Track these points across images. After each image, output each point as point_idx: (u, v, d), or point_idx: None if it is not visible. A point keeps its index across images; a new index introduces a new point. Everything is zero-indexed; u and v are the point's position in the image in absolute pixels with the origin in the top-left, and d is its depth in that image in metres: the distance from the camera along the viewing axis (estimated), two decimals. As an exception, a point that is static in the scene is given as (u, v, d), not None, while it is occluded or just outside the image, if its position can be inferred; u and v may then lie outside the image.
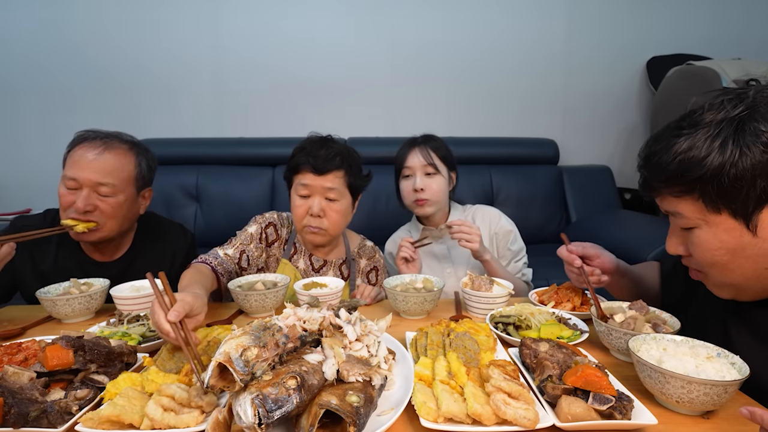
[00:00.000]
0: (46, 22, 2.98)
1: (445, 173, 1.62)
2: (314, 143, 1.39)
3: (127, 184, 1.34)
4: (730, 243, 0.77)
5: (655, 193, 0.85)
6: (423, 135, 1.67)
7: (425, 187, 1.56)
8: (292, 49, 3.14)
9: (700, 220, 0.79)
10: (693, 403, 0.68)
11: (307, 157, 1.35)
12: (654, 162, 0.82)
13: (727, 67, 2.57)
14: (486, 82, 3.28)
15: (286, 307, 0.79)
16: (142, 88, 3.12)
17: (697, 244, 0.82)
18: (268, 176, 3.02)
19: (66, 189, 1.29)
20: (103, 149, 1.30)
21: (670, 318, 0.94)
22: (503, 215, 1.71)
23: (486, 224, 1.67)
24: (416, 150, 1.60)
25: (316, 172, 1.35)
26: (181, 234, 1.56)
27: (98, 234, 1.32)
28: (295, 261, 1.48)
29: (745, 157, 0.71)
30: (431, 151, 1.59)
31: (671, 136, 0.79)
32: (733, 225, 0.76)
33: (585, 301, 1.19)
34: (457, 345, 0.86)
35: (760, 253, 0.75)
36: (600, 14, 3.24)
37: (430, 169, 1.58)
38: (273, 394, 0.57)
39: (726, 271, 0.81)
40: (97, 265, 1.41)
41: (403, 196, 1.65)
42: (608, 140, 3.43)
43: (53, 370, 0.73)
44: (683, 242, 0.86)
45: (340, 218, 1.40)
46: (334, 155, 1.36)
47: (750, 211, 0.73)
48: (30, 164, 3.06)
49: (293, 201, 1.41)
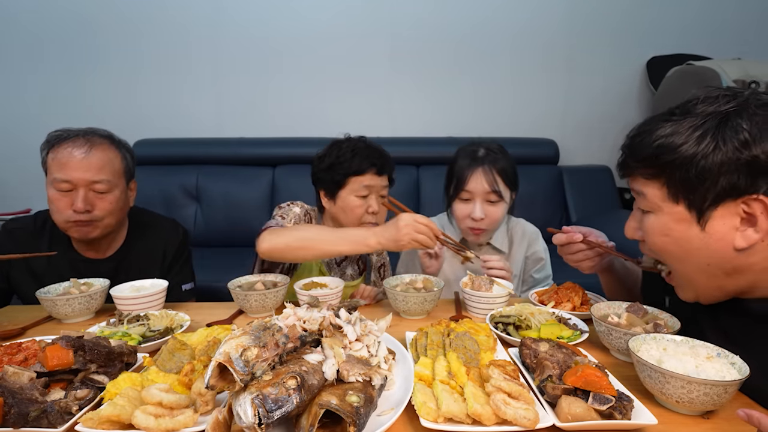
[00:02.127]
0: (46, 22, 2.98)
1: (508, 197, 1.45)
2: (364, 144, 1.44)
3: (119, 177, 1.35)
4: (677, 233, 0.79)
5: (629, 171, 0.86)
6: (486, 147, 1.45)
7: (486, 215, 1.42)
8: (291, 48, 3.14)
9: (657, 205, 0.81)
10: (693, 403, 0.68)
11: (370, 159, 1.40)
12: (637, 142, 0.83)
13: (727, 67, 2.57)
14: (486, 82, 3.28)
15: (286, 307, 0.79)
16: (143, 88, 3.12)
17: (647, 230, 0.85)
18: (268, 176, 3.02)
19: (58, 192, 1.27)
20: (89, 147, 1.29)
21: (669, 318, 0.94)
22: (540, 238, 1.61)
23: (524, 245, 1.58)
24: (480, 173, 1.40)
25: (380, 173, 1.42)
26: (172, 229, 1.55)
27: (98, 231, 1.33)
28: None
29: (717, 151, 0.71)
30: (497, 175, 1.40)
31: (660, 120, 0.80)
32: (684, 217, 0.77)
33: (585, 300, 1.19)
34: (457, 345, 0.86)
35: (703, 247, 0.77)
36: (600, 14, 3.24)
37: (493, 197, 1.40)
38: (273, 394, 0.57)
39: (671, 262, 0.84)
40: (90, 263, 1.41)
41: (456, 218, 1.49)
42: (608, 140, 3.43)
43: (53, 370, 0.72)
44: (640, 227, 0.88)
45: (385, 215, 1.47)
46: (388, 155, 1.45)
47: (705, 207, 0.75)
48: (30, 164, 3.06)
49: (351, 202, 1.43)
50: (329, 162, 1.43)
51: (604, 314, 1.00)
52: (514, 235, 1.60)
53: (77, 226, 1.30)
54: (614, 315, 0.98)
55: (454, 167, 1.46)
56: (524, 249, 1.58)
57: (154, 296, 1.16)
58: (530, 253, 1.59)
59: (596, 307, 1.01)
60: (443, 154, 3.15)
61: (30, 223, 1.41)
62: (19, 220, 1.44)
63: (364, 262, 1.59)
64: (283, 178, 2.99)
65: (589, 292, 1.24)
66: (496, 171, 1.40)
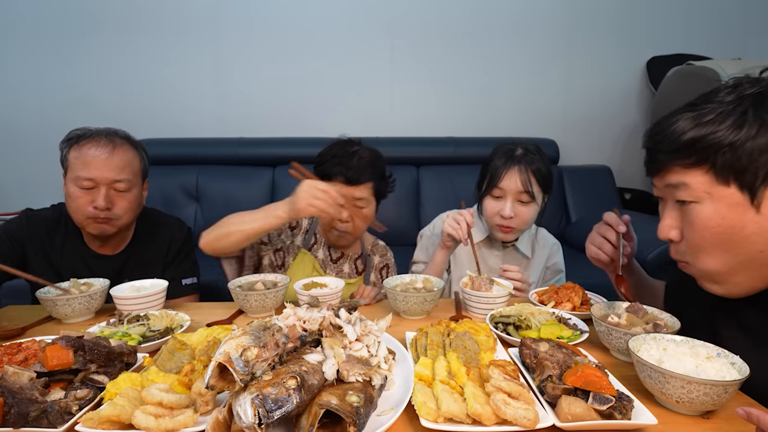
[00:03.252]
0: (47, 22, 2.98)
1: (540, 199, 1.45)
2: (345, 151, 1.40)
3: (137, 177, 1.41)
4: (731, 219, 0.76)
5: (661, 165, 0.83)
6: (524, 147, 1.44)
7: (516, 214, 1.41)
8: (292, 48, 3.14)
9: (705, 193, 0.78)
10: (693, 403, 0.68)
11: (339, 167, 1.37)
12: (668, 132, 0.81)
13: (727, 67, 2.57)
14: (486, 82, 3.28)
15: (286, 307, 0.79)
16: (143, 88, 3.12)
17: (695, 222, 0.80)
18: (268, 176, 3.02)
19: (79, 189, 1.32)
20: (112, 147, 1.35)
21: (669, 318, 0.94)
22: (560, 252, 1.62)
23: (545, 254, 1.59)
24: (514, 171, 1.39)
25: (349, 183, 1.37)
26: (178, 227, 1.59)
27: (115, 228, 1.38)
28: (314, 251, 1.54)
29: (763, 129, 0.72)
30: (532, 175, 1.39)
31: (685, 111, 0.80)
32: (738, 200, 0.75)
33: (585, 300, 1.19)
34: (457, 345, 0.86)
35: (759, 231, 0.75)
36: (600, 14, 3.24)
37: (525, 197, 1.40)
38: (273, 394, 0.57)
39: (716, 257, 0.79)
40: (100, 258, 1.45)
41: (486, 214, 1.49)
42: (608, 140, 3.43)
43: (53, 370, 0.72)
44: (677, 225, 0.84)
45: (365, 223, 1.47)
46: (366, 166, 1.39)
47: (757, 185, 0.73)
48: (29, 164, 3.07)
49: None
50: (316, 162, 1.45)
51: (604, 314, 1.00)
52: (537, 242, 1.61)
53: (96, 223, 1.34)
54: (614, 315, 0.98)
55: (489, 165, 1.46)
56: (545, 258, 1.59)
57: (154, 296, 1.16)
58: (551, 264, 1.60)
59: (596, 307, 1.01)
60: (443, 154, 3.16)
61: (49, 214, 1.45)
62: (39, 209, 1.47)
63: (363, 262, 1.59)
64: (283, 178, 2.99)
65: (589, 292, 1.24)
66: (531, 171, 1.39)
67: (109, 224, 1.36)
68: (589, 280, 1.35)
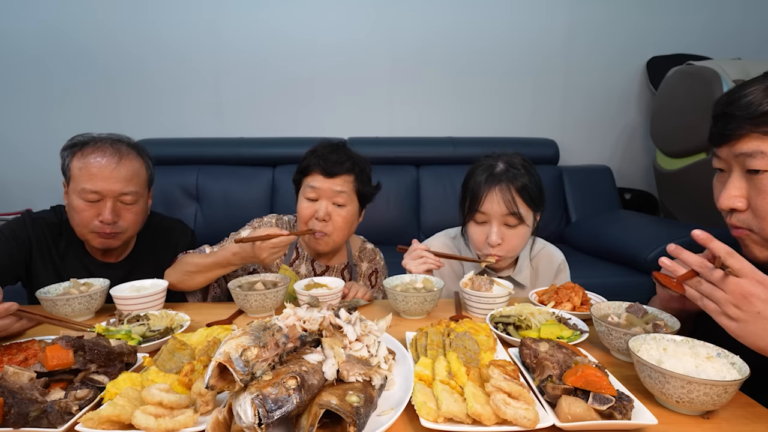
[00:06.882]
0: (46, 23, 2.98)
1: (530, 219, 1.28)
2: (326, 147, 1.39)
3: (144, 188, 1.38)
4: None
5: (738, 133, 0.83)
6: (505, 161, 1.28)
7: (503, 239, 1.26)
8: (292, 49, 3.15)
9: None
10: (693, 403, 0.68)
11: (318, 160, 1.35)
12: (746, 101, 0.81)
13: (727, 67, 2.57)
14: (485, 82, 3.28)
15: (286, 307, 0.79)
16: (143, 88, 3.12)
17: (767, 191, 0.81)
18: (268, 176, 3.02)
19: (84, 202, 1.27)
20: (119, 158, 1.29)
21: (669, 318, 0.94)
22: (567, 270, 1.46)
23: (549, 276, 1.44)
24: (496, 191, 1.23)
25: (326, 175, 1.34)
26: (182, 232, 1.58)
27: (120, 241, 1.35)
28: (296, 266, 1.48)
29: None
30: (516, 195, 1.23)
31: (757, 82, 0.80)
32: None
33: (585, 300, 1.19)
34: (457, 345, 0.86)
35: None
36: (600, 14, 3.24)
37: (511, 220, 1.24)
38: (273, 394, 0.57)
39: None
40: (104, 267, 1.42)
41: (472, 241, 1.33)
42: (608, 140, 3.43)
43: (53, 370, 0.73)
44: (744, 195, 0.85)
45: (345, 225, 1.39)
46: (345, 159, 1.37)
47: None
48: (30, 164, 3.07)
49: (300, 203, 1.40)
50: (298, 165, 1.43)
51: (604, 314, 1.00)
52: (539, 264, 1.44)
53: (100, 237, 1.31)
54: (614, 315, 0.99)
55: (469, 183, 1.30)
56: (551, 280, 1.43)
57: (154, 296, 1.16)
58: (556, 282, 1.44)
59: (596, 307, 1.01)
60: (443, 154, 3.16)
61: (52, 217, 1.42)
62: (40, 212, 1.44)
63: (350, 272, 1.54)
64: (283, 178, 2.99)
65: (589, 292, 1.24)
66: (515, 189, 1.23)
67: (115, 238, 1.32)
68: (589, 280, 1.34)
